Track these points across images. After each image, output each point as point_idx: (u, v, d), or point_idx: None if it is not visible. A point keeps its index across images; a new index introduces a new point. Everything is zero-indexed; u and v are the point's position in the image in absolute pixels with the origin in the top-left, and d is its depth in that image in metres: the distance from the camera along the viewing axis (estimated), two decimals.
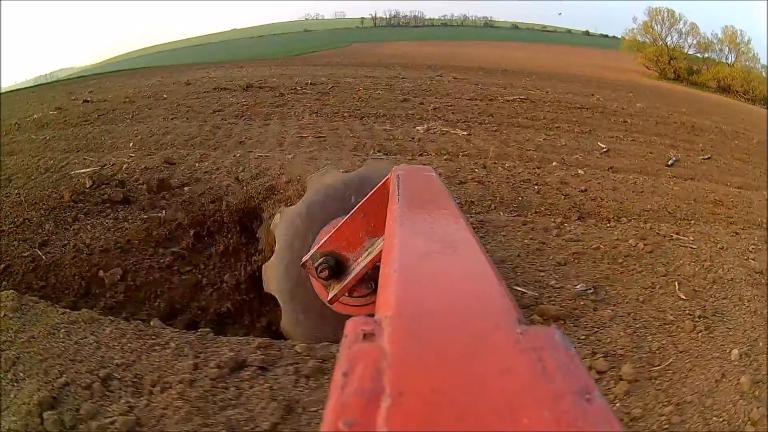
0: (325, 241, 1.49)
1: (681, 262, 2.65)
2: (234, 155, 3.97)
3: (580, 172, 4.28)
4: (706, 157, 5.68)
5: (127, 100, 7.28)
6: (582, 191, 3.73)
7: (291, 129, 5.16)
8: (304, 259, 1.53)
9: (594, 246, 2.69)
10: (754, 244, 3.08)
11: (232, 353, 1.48)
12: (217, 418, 1.27)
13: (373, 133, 5.14)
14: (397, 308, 0.44)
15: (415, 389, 0.33)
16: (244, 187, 2.92)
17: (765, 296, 2.42)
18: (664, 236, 2.99)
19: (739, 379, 1.73)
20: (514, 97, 8.19)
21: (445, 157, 4.42)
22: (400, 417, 0.31)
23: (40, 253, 2.16)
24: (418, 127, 5.51)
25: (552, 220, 3.07)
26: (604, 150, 5.31)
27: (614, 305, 2.13)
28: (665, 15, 23.91)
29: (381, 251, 1.15)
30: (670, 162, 5.18)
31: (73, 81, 13.58)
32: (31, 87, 13.58)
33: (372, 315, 0.45)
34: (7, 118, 6.32)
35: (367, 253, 1.44)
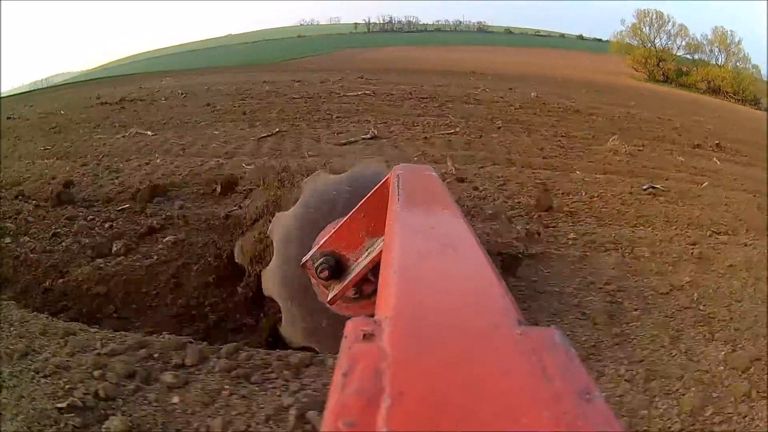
0: (325, 241, 1.48)
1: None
2: (33, 163, 4.78)
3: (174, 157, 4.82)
4: (452, 131, 5.77)
5: (47, 113, 7.65)
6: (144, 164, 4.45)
7: (108, 140, 5.67)
8: (305, 259, 1.52)
9: None
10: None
11: None
12: None
13: (161, 141, 5.53)
14: (397, 309, 0.44)
15: (415, 389, 0.33)
16: None
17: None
18: None
19: None
20: (409, 93, 8.62)
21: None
22: (400, 417, 0.30)
23: None
24: (215, 132, 5.91)
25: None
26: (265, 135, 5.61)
27: None
28: (653, 17, 24.17)
29: (381, 251, 1.15)
30: (365, 136, 5.34)
31: (56, 88, 13.59)
32: (20, 94, 13.47)
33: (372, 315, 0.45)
34: None
35: (367, 253, 1.44)
